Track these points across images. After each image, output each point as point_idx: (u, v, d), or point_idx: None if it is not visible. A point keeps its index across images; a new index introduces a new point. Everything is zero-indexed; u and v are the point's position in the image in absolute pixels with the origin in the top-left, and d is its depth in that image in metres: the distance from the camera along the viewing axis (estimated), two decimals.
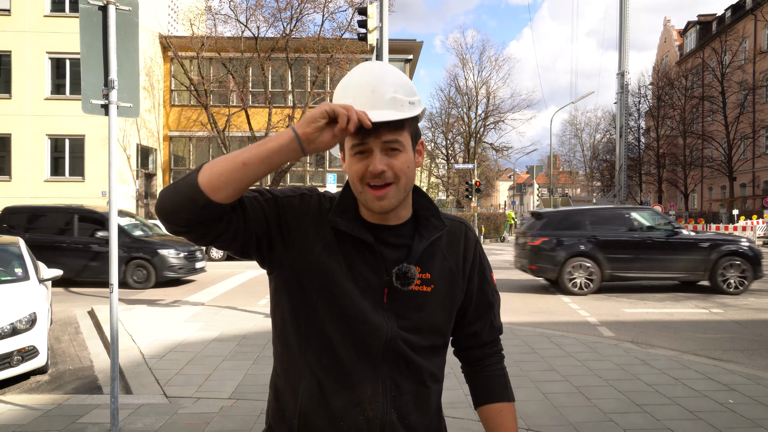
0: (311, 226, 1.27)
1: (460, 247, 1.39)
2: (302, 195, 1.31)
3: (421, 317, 1.30)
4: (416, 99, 1.25)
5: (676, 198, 48.16)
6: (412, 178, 1.27)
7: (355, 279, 1.26)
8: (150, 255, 11.73)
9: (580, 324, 8.19)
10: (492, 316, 1.47)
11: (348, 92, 1.23)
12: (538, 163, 45.61)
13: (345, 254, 1.26)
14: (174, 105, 28.55)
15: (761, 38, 37.58)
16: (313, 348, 1.26)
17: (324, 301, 1.25)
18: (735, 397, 4.81)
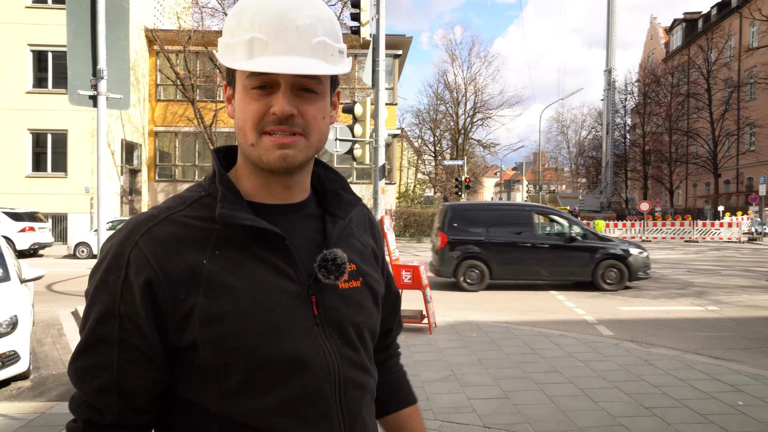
0: (179, 271, 0.88)
1: (368, 231, 1.11)
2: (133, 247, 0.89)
3: (361, 322, 0.99)
4: (344, 47, 0.95)
5: (662, 194, 48.57)
6: (326, 134, 0.97)
7: (269, 301, 0.89)
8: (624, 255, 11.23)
9: (578, 323, 8.09)
10: (399, 311, 1.26)
11: (252, 24, 0.87)
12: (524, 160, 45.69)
13: (242, 270, 0.90)
14: (160, 100, 28.12)
15: (747, 36, 37.92)
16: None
17: (238, 361, 0.87)
18: (743, 399, 4.71)
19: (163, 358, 0.89)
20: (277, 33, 0.86)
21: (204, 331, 0.86)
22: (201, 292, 0.87)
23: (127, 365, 0.87)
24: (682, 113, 44.09)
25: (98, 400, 0.88)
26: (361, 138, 8.60)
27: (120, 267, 0.87)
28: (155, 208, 0.94)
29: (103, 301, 0.88)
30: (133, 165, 26.62)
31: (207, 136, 24.62)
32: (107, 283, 0.88)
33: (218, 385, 0.88)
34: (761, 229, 27.90)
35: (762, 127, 35.93)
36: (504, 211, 11.92)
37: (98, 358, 0.88)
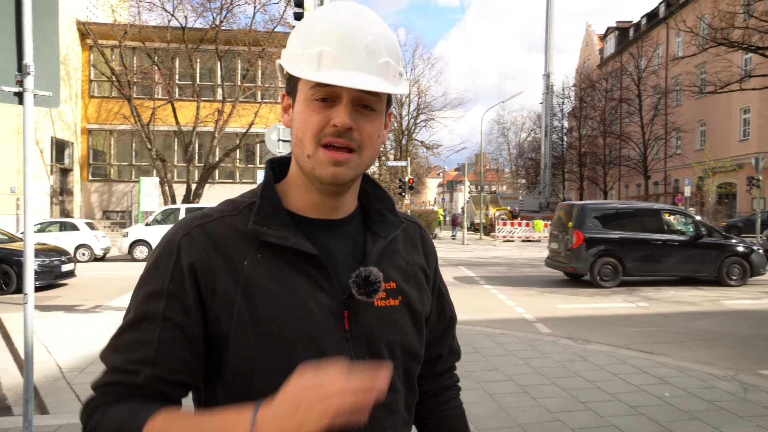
0: (222, 265, 0.91)
1: (419, 249, 1.11)
2: (186, 236, 0.92)
3: (394, 341, 0.99)
4: (402, 70, 0.97)
5: (596, 195, 50.55)
6: (377, 153, 0.98)
7: (303, 308, 0.91)
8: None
9: (518, 321, 8.31)
10: (452, 337, 1.21)
11: (323, 38, 0.89)
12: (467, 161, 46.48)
13: (280, 276, 0.92)
14: (93, 96, 26.95)
15: (673, 45, 40.03)
16: None
17: (266, 361, 0.88)
18: (670, 390, 4.96)
19: (202, 344, 0.90)
20: (346, 49, 0.89)
21: (238, 327, 0.89)
22: (240, 290, 0.90)
23: (167, 342, 0.88)
24: (615, 117, 46.08)
25: (132, 367, 0.87)
26: None
27: (172, 252, 0.91)
28: (210, 209, 0.98)
29: (153, 281, 0.91)
30: (64, 164, 25.39)
31: (144, 135, 23.76)
32: (159, 265, 0.92)
33: (243, 386, 0.90)
34: None
35: (687, 132, 38.01)
36: (635, 210, 12.49)
37: (140, 335, 0.89)
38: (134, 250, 18.07)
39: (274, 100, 26.37)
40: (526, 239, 30.13)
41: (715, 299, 10.23)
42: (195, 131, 24.21)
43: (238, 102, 24.37)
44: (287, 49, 0.95)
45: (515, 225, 30.68)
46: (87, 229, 18.15)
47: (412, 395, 1.06)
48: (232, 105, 24.09)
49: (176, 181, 26.14)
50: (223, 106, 24.09)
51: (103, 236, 18.63)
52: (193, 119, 24.30)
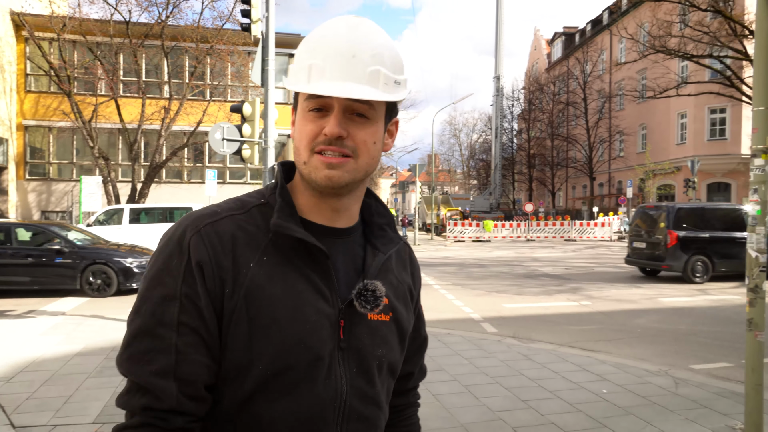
0: (229, 265, 0.93)
1: (408, 270, 1.14)
2: (200, 232, 0.93)
3: (383, 356, 1.02)
4: (403, 78, 1.00)
5: (545, 196, 51.87)
6: (377, 160, 1.00)
7: (301, 315, 0.93)
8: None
9: (465, 321, 8.40)
10: (423, 356, 1.26)
11: (314, 53, 0.94)
12: (419, 162, 46.82)
13: (283, 281, 0.94)
14: (30, 91, 25.72)
15: (616, 51, 41.48)
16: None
17: (258, 364, 0.91)
18: (607, 387, 5.11)
19: (218, 345, 0.92)
20: (334, 60, 0.92)
21: (236, 329, 0.91)
22: (243, 292, 0.91)
23: (186, 349, 0.89)
24: (562, 120, 47.44)
25: (156, 384, 0.87)
26: (249, 138, 8.36)
27: (183, 252, 0.91)
28: (217, 206, 0.99)
29: (164, 284, 0.91)
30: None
31: (86, 132, 22.84)
32: (170, 266, 0.91)
33: (235, 386, 0.92)
34: (628, 228, 30.61)
35: (629, 135, 39.49)
36: (721, 211, 13.37)
37: (157, 342, 0.89)
38: None
39: (223, 98, 25.85)
40: (476, 239, 30.60)
41: (653, 297, 10.63)
42: (140, 129, 23.46)
43: (186, 100, 23.77)
44: (292, 65, 1.01)
45: (466, 225, 31.10)
46: None
47: (388, 412, 1.10)
48: (179, 103, 23.46)
49: (120, 180, 25.28)
50: (170, 103, 23.42)
51: None
52: (138, 117, 23.53)
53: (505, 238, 30.90)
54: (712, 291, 11.49)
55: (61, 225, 11.70)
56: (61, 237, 10.63)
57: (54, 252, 10.25)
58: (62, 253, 10.23)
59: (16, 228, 10.84)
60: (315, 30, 0.99)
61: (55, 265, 10.20)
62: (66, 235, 10.76)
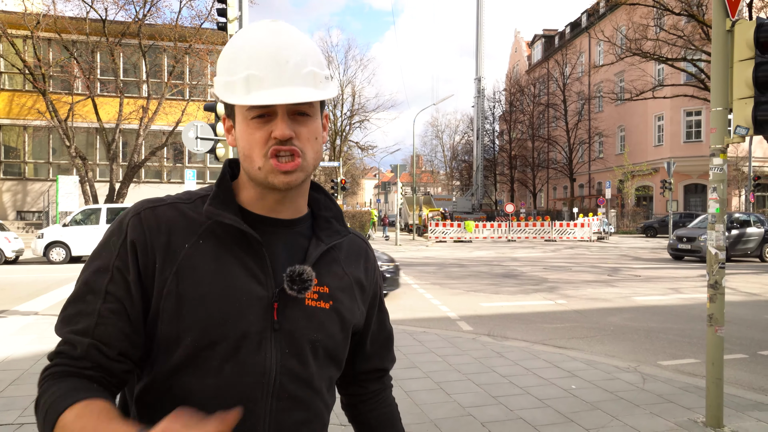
0: (163, 245, 1.00)
1: (360, 265, 1.18)
2: (141, 212, 1.02)
3: (318, 340, 1.05)
4: (329, 73, 1.04)
5: (527, 197, 52.32)
6: (320, 153, 1.06)
7: (231, 294, 0.99)
8: None
9: (442, 320, 8.46)
10: (391, 350, 1.32)
11: (247, 63, 0.97)
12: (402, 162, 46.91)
13: (216, 262, 1.00)
14: (4, 89, 25.33)
15: (594, 54, 42.03)
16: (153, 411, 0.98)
17: (186, 337, 0.96)
18: (576, 383, 5.19)
19: (141, 319, 0.98)
20: (271, 68, 0.96)
21: (166, 303, 0.97)
22: (175, 270, 0.97)
23: (108, 314, 0.96)
24: (542, 122, 47.92)
25: (73, 339, 0.95)
26: (224, 137, 8.34)
27: (122, 230, 1.00)
28: (167, 195, 1.07)
29: (102, 257, 0.99)
30: None
31: (62, 131, 22.53)
32: (108, 242, 1.00)
33: (165, 357, 0.98)
34: (607, 228, 31.01)
35: (608, 137, 40.03)
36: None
37: (84, 306, 0.97)
38: (50, 252, 17.09)
39: (202, 97, 25.67)
40: (458, 240, 30.75)
41: (627, 296, 10.79)
42: (118, 129, 23.22)
43: (165, 99, 23.57)
44: (217, 77, 1.03)
45: (447, 226, 31.25)
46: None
47: (332, 398, 1.14)
48: (157, 102, 23.27)
49: (98, 180, 24.99)
50: (148, 103, 23.23)
51: (15, 237, 17.51)
52: (116, 116, 23.29)
53: (486, 238, 31.11)
54: (685, 290, 11.70)
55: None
56: None
57: None
58: None
59: None
60: (236, 39, 1.01)
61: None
62: None
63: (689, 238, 17.91)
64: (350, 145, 47.12)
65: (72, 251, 17.15)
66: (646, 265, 17.10)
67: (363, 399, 1.28)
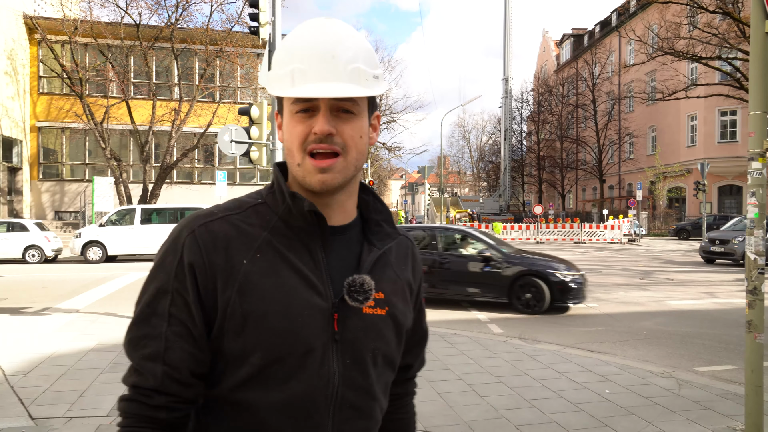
0: (222, 263, 0.99)
1: (409, 265, 1.17)
2: (193, 234, 1.00)
3: (377, 348, 1.05)
4: (379, 72, 1.04)
5: (555, 198, 51.74)
6: (364, 154, 1.05)
7: (293, 308, 0.98)
8: None
9: (472, 322, 8.46)
10: (423, 349, 1.31)
11: (294, 56, 0.98)
12: (429, 163, 46.85)
13: (276, 276, 0.99)
14: (43, 93, 26.10)
15: (625, 53, 41.35)
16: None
17: (252, 353, 0.98)
18: (610, 388, 5.16)
19: (205, 337, 0.99)
20: (315, 62, 0.97)
21: (230, 322, 0.97)
22: (236, 287, 0.97)
23: (173, 338, 0.97)
24: (571, 122, 47.31)
25: (144, 366, 0.98)
26: (257, 140, 8.50)
27: (177, 250, 0.99)
28: (216, 206, 1.06)
29: (159, 279, 1.00)
30: (12, 162, 24.51)
31: (98, 134, 23.14)
32: (165, 263, 1.00)
33: (232, 372, 0.99)
34: (639, 231, 30.49)
35: (639, 138, 39.35)
36: None
37: (149, 329, 0.98)
38: (87, 252, 17.59)
39: (232, 100, 26.06)
40: None
41: (660, 300, 10.63)
42: (151, 131, 23.74)
43: (196, 101, 24.01)
44: (270, 71, 1.04)
45: (475, 227, 31.12)
46: (37, 229, 17.57)
47: (386, 403, 1.13)
48: (189, 104, 23.71)
49: (132, 181, 25.57)
50: (180, 105, 23.69)
51: (54, 237, 18.07)
52: (149, 118, 23.81)
53: (515, 240, 30.87)
54: (720, 294, 11.47)
55: (473, 229, 10.34)
56: (485, 242, 9.34)
57: (482, 259, 9.12)
58: (490, 260, 9.06)
59: (439, 231, 9.87)
60: (289, 35, 1.03)
61: (483, 274, 9.07)
62: (490, 241, 9.46)
63: (722, 240, 17.32)
64: (377, 146, 47.25)
65: (108, 251, 17.61)
66: (679, 268, 16.78)
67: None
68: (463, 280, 9.30)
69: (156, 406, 0.98)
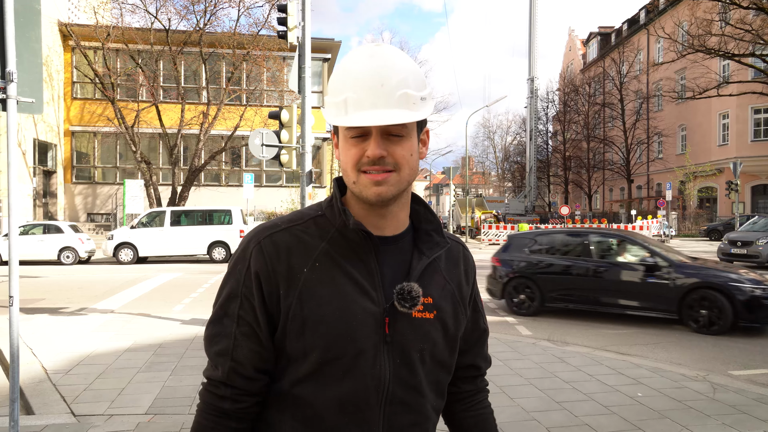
0: (284, 271, 1.10)
1: (460, 269, 1.25)
2: (261, 243, 1.12)
3: (425, 350, 1.14)
4: (427, 93, 1.12)
5: (581, 198, 51.07)
6: (416, 169, 1.14)
7: (348, 312, 1.08)
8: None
9: (500, 323, 8.44)
10: (486, 346, 1.38)
11: (346, 85, 1.07)
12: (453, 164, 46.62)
13: (333, 283, 1.09)
14: (76, 98, 26.75)
15: (653, 51, 40.63)
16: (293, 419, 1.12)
17: (312, 353, 1.09)
18: (642, 391, 5.11)
19: (269, 337, 1.12)
20: (366, 91, 1.05)
21: (292, 324, 1.08)
22: (297, 294, 1.08)
23: (241, 337, 1.11)
24: (598, 121, 46.62)
25: (216, 360, 1.13)
26: (287, 144, 8.61)
27: (245, 259, 1.12)
28: (280, 218, 1.17)
29: (230, 284, 1.13)
30: (47, 166, 25.18)
31: (129, 137, 23.64)
32: (235, 270, 1.13)
33: (294, 369, 1.10)
34: (668, 231, 29.92)
35: (668, 137, 38.60)
36: None
37: (222, 328, 1.13)
38: (119, 253, 17.99)
39: (259, 102, 26.37)
40: None
41: None
42: (180, 134, 24.15)
43: (223, 105, 24.35)
44: (327, 96, 1.14)
45: (501, 228, 30.90)
46: (71, 231, 18.03)
47: (441, 401, 1.22)
48: (217, 108, 24.06)
49: (161, 183, 26.04)
50: (208, 108, 24.05)
51: (87, 239, 18.52)
52: (177, 122, 24.23)
53: None
54: None
55: (633, 234, 9.43)
56: (648, 248, 8.39)
57: (645, 267, 8.14)
58: (656, 269, 8.04)
59: (593, 236, 8.99)
60: (342, 63, 1.12)
61: (647, 285, 8.09)
62: (654, 248, 8.43)
63: (745, 242, 16.31)
64: None
65: (139, 252, 17.98)
66: None
67: (458, 398, 1.32)
68: (618, 291, 8.36)
69: (222, 396, 1.12)
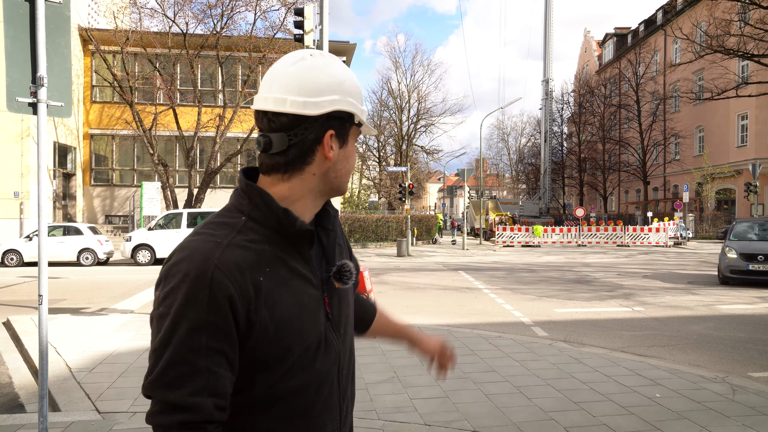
0: (250, 287, 1.05)
1: (338, 226, 1.29)
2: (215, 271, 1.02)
3: (350, 314, 1.27)
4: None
5: (596, 200, 50.69)
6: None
7: (304, 306, 1.12)
8: None
9: (515, 324, 8.45)
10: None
11: (358, 98, 1.19)
12: (467, 166, 46.52)
13: (286, 284, 1.10)
14: (95, 101, 27.15)
15: (671, 52, 40.28)
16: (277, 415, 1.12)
17: (287, 352, 1.09)
18: (661, 392, 5.10)
19: (237, 358, 1.05)
20: (360, 99, 1.20)
21: (266, 332, 1.05)
22: (263, 303, 1.05)
23: (216, 369, 1.01)
24: (614, 123, 46.28)
25: (192, 402, 0.99)
26: None
27: (205, 285, 1.00)
28: (211, 236, 1.07)
29: (190, 317, 1.00)
30: (66, 168, 25.56)
31: (146, 140, 23.93)
32: (195, 299, 1.00)
33: (266, 375, 1.08)
34: (685, 234, 29.63)
35: (685, 138, 38.20)
36: None
37: (189, 367, 1.00)
38: (137, 254, 18.23)
39: None
40: (525, 244, 30.26)
41: (710, 304, 10.36)
42: (196, 136, 24.40)
43: (239, 107, 24.56)
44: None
45: (515, 230, 30.82)
46: (90, 233, 18.32)
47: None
48: (233, 110, 24.28)
49: (178, 185, 26.32)
50: (224, 111, 24.28)
51: (106, 240, 18.80)
52: (194, 124, 24.48)
53: (556, 243, 30.46)
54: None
55: None
56: None
57: None
58: None
59: None
60: (343, 71, 1.17)
61: None
62: None
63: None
64: (416, 149, 47.29)
65: (156, 253, 18.21)
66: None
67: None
68: None
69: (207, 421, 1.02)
